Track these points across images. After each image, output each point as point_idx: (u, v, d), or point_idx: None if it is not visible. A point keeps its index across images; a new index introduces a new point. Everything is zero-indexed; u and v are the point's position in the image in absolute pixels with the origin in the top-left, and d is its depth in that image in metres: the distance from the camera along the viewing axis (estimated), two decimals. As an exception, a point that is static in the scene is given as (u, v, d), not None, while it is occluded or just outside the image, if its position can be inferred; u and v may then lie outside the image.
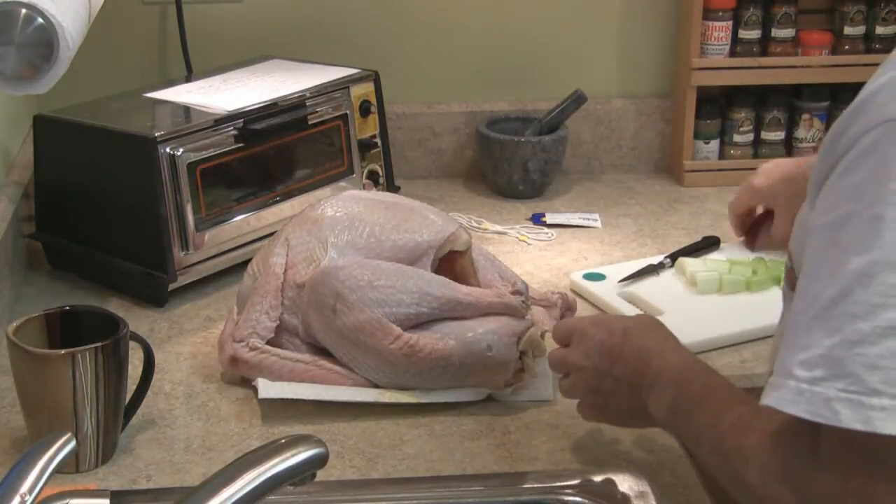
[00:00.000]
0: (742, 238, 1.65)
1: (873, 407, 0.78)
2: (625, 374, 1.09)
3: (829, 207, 0.85)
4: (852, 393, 0.79)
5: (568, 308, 1.38)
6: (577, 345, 1.14)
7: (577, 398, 1.16)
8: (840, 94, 1.96)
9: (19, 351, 1.13)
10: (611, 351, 1.10)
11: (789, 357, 0.83)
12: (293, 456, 0.83)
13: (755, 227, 1.64)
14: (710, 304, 1.49)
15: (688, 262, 1.56)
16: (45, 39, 1.06)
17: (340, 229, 1.33)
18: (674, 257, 1.60)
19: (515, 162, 1.85)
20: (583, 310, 1.47)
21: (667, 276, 1.57)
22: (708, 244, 1.65)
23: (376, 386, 1.28)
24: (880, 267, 0.80)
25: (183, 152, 1.49)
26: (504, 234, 1.75)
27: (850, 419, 0.79)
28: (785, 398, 0.82)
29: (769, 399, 0.83)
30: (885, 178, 0.81)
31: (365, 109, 1.72)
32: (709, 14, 1.89)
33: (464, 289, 1.30)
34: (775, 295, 1.50)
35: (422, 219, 1.35)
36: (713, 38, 1.90)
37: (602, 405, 1.14)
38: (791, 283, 1.01)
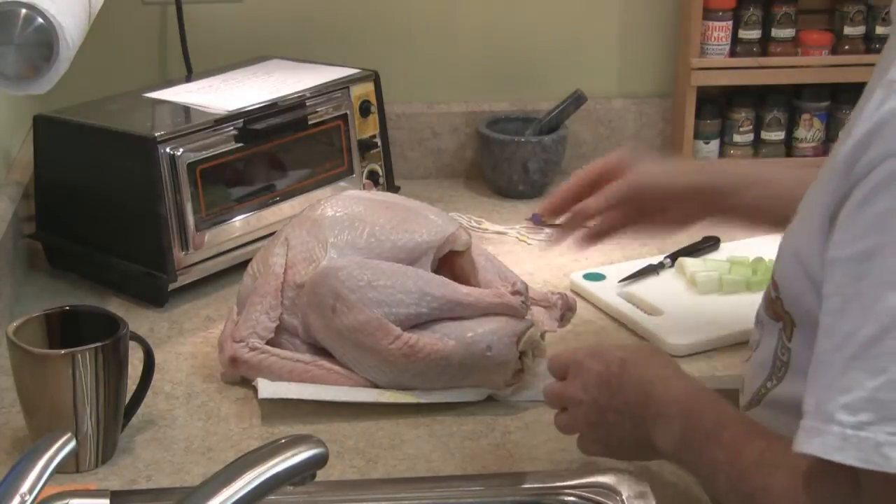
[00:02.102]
0: (549, 219, 1.40)
1: None
2: (626, 407, 1.03)
3: (852, 239, 0.82)
4: None
5: (568, 308, 1.38)
6: (574, 378, 1.08)
7: (576, 433, 1.11)
8: (840, 94, 1.96)
9: (19, 351, 1.13)
10: (609, 383, 1.05)
11: (828, 401, 0.79)
12: (293, 456, 0.83)
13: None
14: (710, 304, 1.49)
15: (688, 262, 1.56)
16: (45, 39, 1.06)
17: (340, 229, 1.33)
18: (674, 257, 1.60)
19: (515, 162, 1.85)
20: (583, 310, 1.47)
21: (667, 276, 1.57)
22: (708, 244, 1.65)
23: (376, 386, 1.28)
24: None
25: (183, 152, 1.49)
26: (504, 234, 1.75)
27: None
28: (830, 445, 0.78)
29: (810, 446, 0.80)
30: None
31: (365, 109, 1.72)
32: (709, 14, 1.89)
33: (463, 289, 1.30)
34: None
35: (422, 219, 1.35)
36: (713, 38, 1.90)
37: (604, 439, 1.08)
38: (774, 312, 0.99)
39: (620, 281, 1.54)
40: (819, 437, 0.79)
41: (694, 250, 1.63)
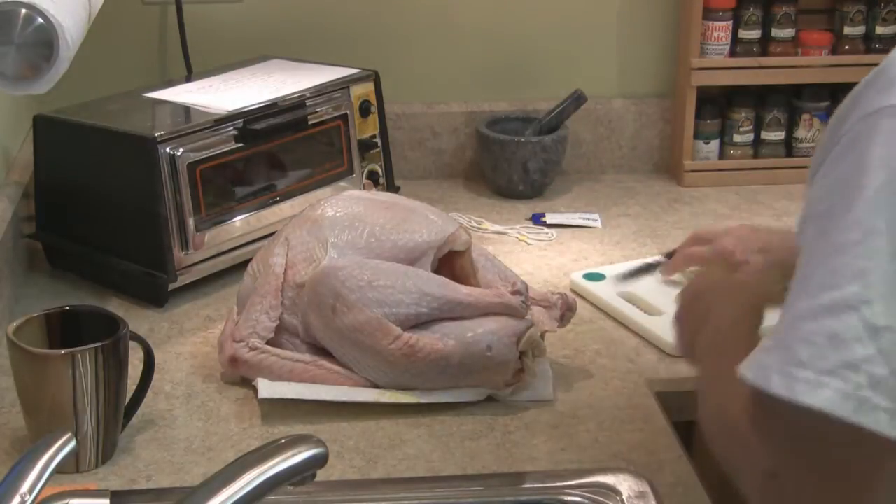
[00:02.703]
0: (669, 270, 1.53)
1: (797, 379, 0.81)
2: (705, 311, 1.11)
3: (818, 198, 0.86)
4: (785, 364, 0.82)
5: (568, 308, 1.38)
6: (696, 277, 1.23)
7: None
8: (840, 94, 1.94)
9: (19, 351, 1.13)
10: (713, 289, 1.14)
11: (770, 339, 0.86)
12: (293, 456, 0.83)
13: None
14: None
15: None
16: (45, 39, 1.06)
17: (340, 229, 1.33)
18: (671, 256, 1.60)
19: (515, 162, 1.85)
20: (583, 310, 1.47)
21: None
22: (708, 244, 1.65)
23: (376, 386, 1.28)
24: (832, 250, 0.82)
25: (183, 152, 1.49)
26: (504, 234, 1.75)
27: (777, 386, 0.82)
28: (744, 364, 0.86)
29: (741, 366, 0.87)
30: (860, 174, 0.83)
31: (365, 109, 1.72)
32: (709, 14, 1.89)
33: (463, 289, 1.30)
34: (775, 295, 1.50)
35: (422, 219, 1.35)
36: (713, 38, 1.90)
37: (679, 319, 1.16)
38: None
39: (616, 275, 1.55)
40: (748, 360, 0.86)
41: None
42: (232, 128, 1.55)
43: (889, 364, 0.80)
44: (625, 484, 1.13)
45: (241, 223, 1.57)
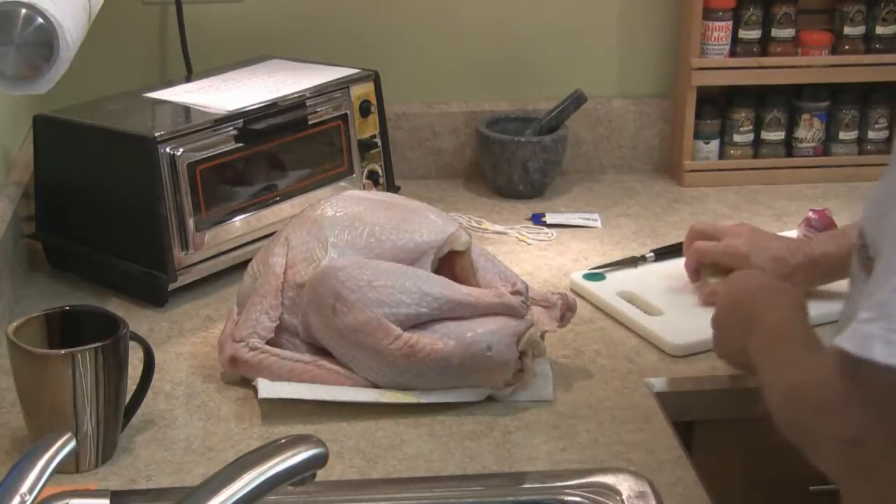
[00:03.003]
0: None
1: None
2: (748, 318, 1.18)
3: None
4: (889, 332, 0.86)
5: (568, 308, 1.38)
6: (727, 284, 1.30)
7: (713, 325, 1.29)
8: (840, 94, 1.96)
9: (19, 351, 1.13)
10: (742, 301, 1.23)
11: (862, 305, 0.91)
12: (293, 456, 0.83)
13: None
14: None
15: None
16: (45, 39, 1.06)
17: (340, 229, 1.33)
18: (658, 253, 1.61)
19: (515, 162, 1.85)
20: (583, 310, 1.47)
21: (666, 275, 1.57)
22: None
23: (376, 386, 1.28)
24: None
25: (183, 152, 1.49)
26: (504, 234, 1.75)
27: (880, 353, 0.86)
28: (842, 337, 0.90)
29: (837, 339, 0.91)
30: None
31: (365, 109, 1.72)
32: (709, 14, 1.89)
33: (463, 289, 1.30)
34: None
35: (422, 219, 1.35)
36: (713, 38, 1.90)
37: (718, 338, 1.28)
38: (863, 263, 1.03)
39: (598, 268, 1.57)
40: (843, 332, 0.90)
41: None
42: (232, 128, 1.55)
43: None
44: (625, 484, 1.13)
45: (241, 223, 1.57)
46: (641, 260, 1.61)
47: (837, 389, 0.92)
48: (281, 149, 1.61)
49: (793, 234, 1.61)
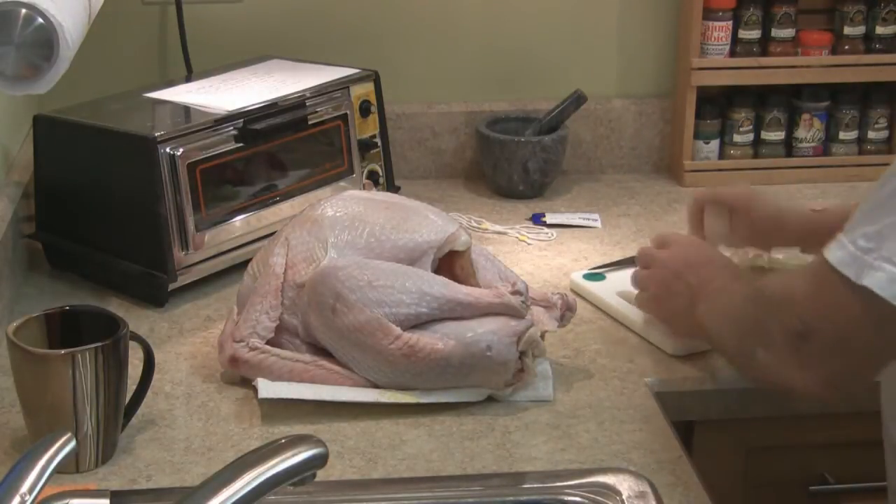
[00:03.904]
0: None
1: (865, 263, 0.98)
2: (695, 284, 1.29)
3: None
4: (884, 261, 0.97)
5: (568, 308, 1.38)
6: (672, 247, 1.36)
7: (646, 290, 1.38)
8: (840, 94, 1.96)
9: (19, 351, 1.13)
10: (696, 262, 1.32)
11: (859, 225, 0.99)
12: (293, 456, 0.83)
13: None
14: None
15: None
16: (45, 39, 1.06)
17: (340, 229, 1.33)
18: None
19: (515, 162, 1.85)
20: (583, 310, 1.47)
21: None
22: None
23: (376, 386, 1.28)
24: None
25: (183, 152, 1.49)
26: (504, 234, 1.75)
27: (870, 280, 0.97)
28: (844, 260, 0.99)
29: (832, 255, 1.01)
30: None
31: (365, 109, 1.72)
32: (709, 14, 1.89)
33: (463, 289, 1.30)
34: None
35: (422, 219, 1.35)
36: (713, 38, 1.90)
37: (663, 301, 1.36)
38: None
39: (598, 268, 1.57)
40: (841, 250, 1.00)
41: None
42: (232, 128, 1.55)
43: None
44: (625, 484, 1.13)
45: (241, 223, 1.57)
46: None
47: (795, 285, 1.07)
48: (281, 149, 1.61)
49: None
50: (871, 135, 1.98)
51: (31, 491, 0.83)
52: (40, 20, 1.05)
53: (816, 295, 1.04)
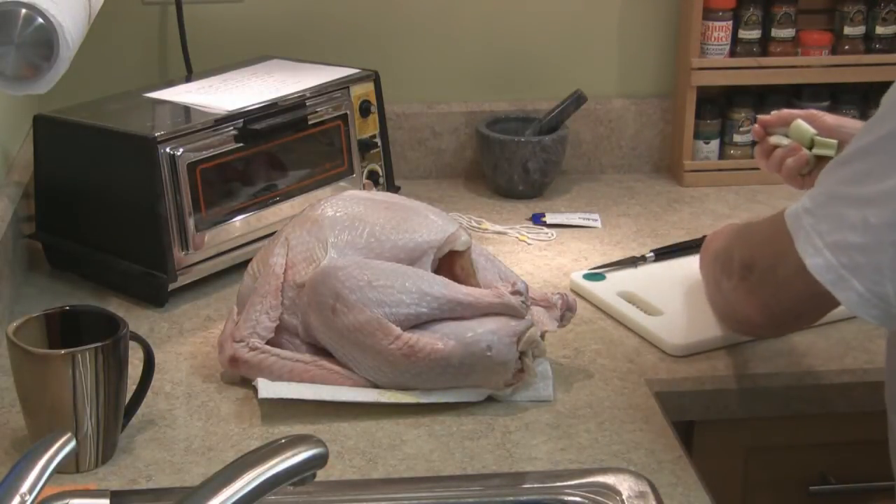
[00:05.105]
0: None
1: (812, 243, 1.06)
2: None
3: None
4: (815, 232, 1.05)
5: (568, 308, 1.38)
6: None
7: None
8: (840, 95, 1.96)
9: (19, 351, 1.13)
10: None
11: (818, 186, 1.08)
12: (293, 456, 0.83)
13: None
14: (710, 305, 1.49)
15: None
16: (45, 39, 1.06)
17: (340, 229, 1.33)
18: (658, 253, 1.61)
19: (515, 162, 1.85)
20: (583, 310, 1.47)
21: (666, 275, 1.57)
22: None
23: (376, 386, 1.28)
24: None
25: (183, 152, 1.49)
26: (504, 234, 1.75)
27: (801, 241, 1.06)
28: (788, 210, 1.09)
29: (789, 209, 1.09)
30: None
31: (365, 109, 1.72)
32: (709, 14, 1.89)
33: (463, 289, 1.30)
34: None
35: (422, 219, 1.35)
36: (713, 38, 1.90)
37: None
38: None
39: (598, 268, 1.57)
40: (794, 207, 1.09)
41: (687, 248, 1.64)
42: (232, 128, 1.55)
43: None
44: (625, 484, 1.13)
45: (241, 223, 1.57)
46: (641, 260, 1.61)
47: (762, 223, 1.18)
48: (281, 149, 1.61)
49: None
50: (871, 135, 1.98)
51: (31, 491, 0.83)
52: (40, 20, 1.05)
53: (770, 237, 1.14)
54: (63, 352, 1.12)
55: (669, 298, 1.50)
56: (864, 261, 1.01)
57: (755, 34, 1.91)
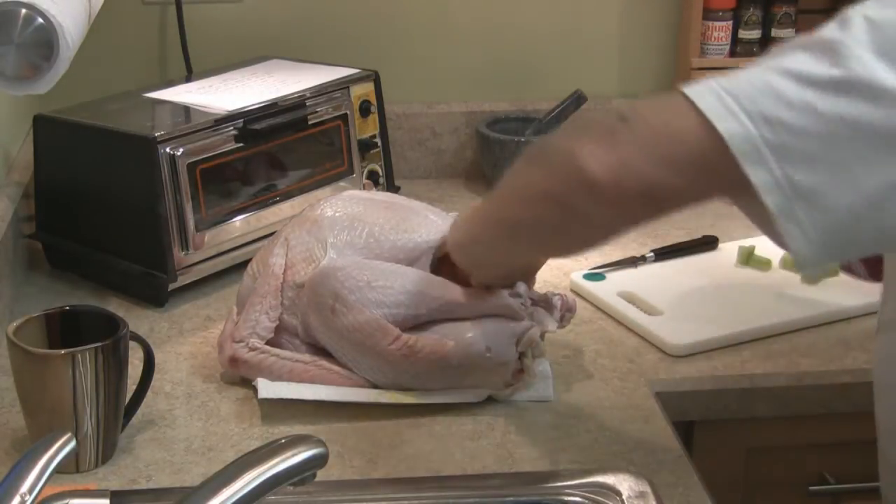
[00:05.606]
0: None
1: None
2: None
3: None
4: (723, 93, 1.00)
5: (568, 308, 1.38)
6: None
7: None
8: (840, 95, 1.96)
9: (19, 351, 1.13)
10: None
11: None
12: (293, 456, 0.83)
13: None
14: (710, 305, 1.49)
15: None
16: (45, 39, 1.06)
17: (340, 229, 1.33)
18: (658, 253, 1.61)
19: (515, 162, 1.85)
20: (583, 310, 1.47)
21: (666, 275, 1.57)
22: (705, 243, 1.66)
23: (376, 386, 1.28)
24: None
25: (183, 152, 1.49)
26: (504, 234, 1.75)
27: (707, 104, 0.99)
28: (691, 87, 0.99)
29: (689, 90, 0.99)
30: None
31: (365, 109, 1.72)
32: (709, 14, 1.90)
33: (462, 290, 1.30)
34: (774, 298, 1.51)
35: (421, 219, 1.35)
36: (713, 38, 1.90)
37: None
38: None
39: (598, 268, 1.57)
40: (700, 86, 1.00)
41: (688, 248, 1.64)
42: (232, 128, 1.55)
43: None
44: (625, 484, 1.13)
45: (241, 223, 1.57)
46: (641, 260, 1.61)
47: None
48: (281, 149, 1.61)
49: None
50: (871, 135, 1.98)
51: (31, 491, 0.83)
52: (40, 20, 1.05)
53: (663, 101, 1.01)
54: (63, 352, 1.12)
55: (669, 298, 1.50)
56: (795, 145, 0.90)
57: (755, 34, 1.92)
